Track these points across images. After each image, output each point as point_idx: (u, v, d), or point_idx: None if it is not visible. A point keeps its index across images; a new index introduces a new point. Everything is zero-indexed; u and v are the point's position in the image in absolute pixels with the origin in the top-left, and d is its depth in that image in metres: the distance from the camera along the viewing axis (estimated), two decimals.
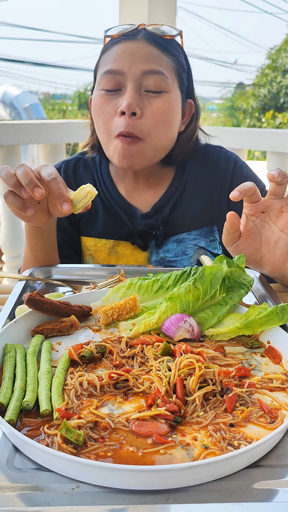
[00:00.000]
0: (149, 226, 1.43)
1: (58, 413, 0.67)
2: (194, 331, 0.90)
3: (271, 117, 16.28)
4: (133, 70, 1.28)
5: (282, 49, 18.40)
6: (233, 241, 1.12)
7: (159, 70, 1.29)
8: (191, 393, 0.72)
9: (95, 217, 1.49)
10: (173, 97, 1.33)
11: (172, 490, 0.57)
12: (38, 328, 0.92)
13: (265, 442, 0.61)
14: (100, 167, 1.52)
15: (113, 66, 1.30)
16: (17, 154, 2.88)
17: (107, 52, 1.34)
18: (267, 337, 0.91)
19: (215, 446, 0.63)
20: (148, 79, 1.29)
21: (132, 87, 1.28)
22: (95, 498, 0.56)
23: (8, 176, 1.05)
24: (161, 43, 1.31)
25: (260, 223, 1.12)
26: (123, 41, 1.31)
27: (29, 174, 1.03)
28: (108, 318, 0.96)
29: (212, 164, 1.51)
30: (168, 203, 1.45)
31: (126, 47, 1.30)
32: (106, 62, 1.32)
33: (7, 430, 0.64)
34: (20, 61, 28.02)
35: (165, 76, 1.30)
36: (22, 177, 1.03)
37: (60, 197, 1.06)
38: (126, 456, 0.61)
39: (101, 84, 1.32)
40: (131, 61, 1.28)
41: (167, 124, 1.33)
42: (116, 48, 1.31)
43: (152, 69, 1.29)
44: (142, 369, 0.79)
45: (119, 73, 1.29)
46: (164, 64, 1.31)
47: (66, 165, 1.55)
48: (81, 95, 28.90)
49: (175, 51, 1.35)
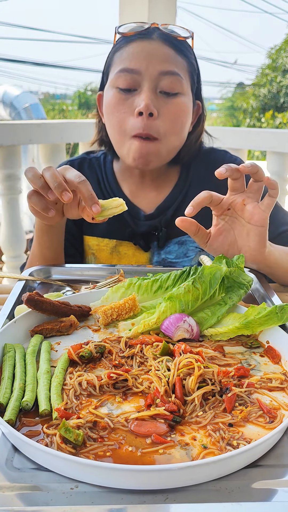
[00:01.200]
0: (152, 227, 1.44)
1: (57, 413, 0.67)
2: (193, 331, 0.90)
3: (270, 117, 16.28)
4: (151, 70, 1.28)
5: (282, 49, 18.40)
6: (203, 241, 1.15)
7: (176, 71, 1.30)
8: (190, 393, 0.72)
9: None
10: (187, 99, 1.35)
11: (171, 490, 0.57)
12: (37, 328, 0.92)
13: (264, 442, 0.61)
14: (104, 167, 1.53)
15: (129, 65, 1.29)
16: (17, 154, 2.88)
17: (122, 50, 1.33)
18: (266, 337, 0.91)
19: (214, 446, 0.63)
20: (164, 80, 1.29)
21: (149, 87, 1.28)
22: (94, 498, 0.56)
23: (36, 177, 1.07)
24: (176, 44, 1.32)
25: (229, 219, 1.16)
26: (138, 40, 1.31)
27: (58, 178, 1.05)
28: (107, 318, 0.96)
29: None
30: (171, 205, 1.46)
31: (143, 46, 1.29)
32: (122, 60, 1.31)
33: (6, 430, 0.64)
34: (20, 61, 28.03)
35: (180, 77, 1.31)
36: (51, 179, 1.05)
37: (91, 198, 1.06)
38: (125, 456, 0.61)
39: (116, 82, 1.32)
40: (148, 60, 1.28)
41: (181, 126, 1.35)
42: (132, 47, 1.30)
43: (169, 70, 1.29)
44: (141, 369, 0.79)
45: (136, 72, 1.29)
46: (180, 65, 1.32)
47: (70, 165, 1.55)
48: (81, 95, 28.90)
49: (188, 52, 1.35)
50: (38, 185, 1.07)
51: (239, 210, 1.14)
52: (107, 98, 1.35)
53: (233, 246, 1.16)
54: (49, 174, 1.05)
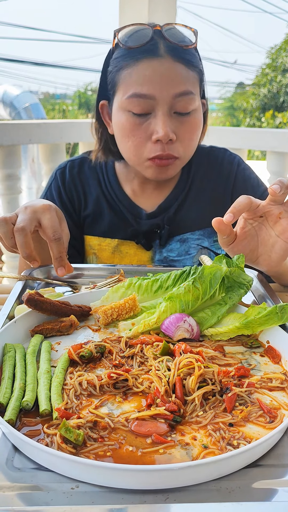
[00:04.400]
0: (154, 226, 1.44)
1: (58, 413, 0.67)
2: (194, 330, 0.90)
3: (270, 116, 16.27)
4: (165, 94, 1.24)
5: (282, 48, 18.39)
6: (228, 243, 1.12)
7: (189, 91, 1.26)
8: (190, 393, 0.72)
9: (100, 217, 1.49)
10: (199, 113, 1.33)
11: (171, 490, 0.57)
12: (37, 328, 0.92)
13: (264, 442, 0.61)
14: (106, 167, 1.52)
15: (142, 90, 1.24)
16: (17, 154, 2.88)
17: (130, 69, 1.25)
18: (266, 336, 0.91)
19: (214, 445, 0.63)
20: (179, 102, 1.25)
21: (163, 111, 1.25)
22: (95, 498, 0.56)
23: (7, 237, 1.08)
24: (185, 58, 1.26)
25: (258, 226, 1.12)
26: (146, 59, 1.24)
27: (28, 247, 1.06)
28: (107, 318, 0.96)
29: (216, 166, 1.52)
30: (173, 204, 1.46)
31: (153, 68, 1.23)
32: (132, 83, 1.25)
33: (6, 430, 0.64)
34: (20, 61, 28.03)
35: (193, 94, 1.28)
36: (21, 249, 1.06)
37: (59, 261, 1.08)
38: (125, 455, 0.61)
39: (128, 106, 1.27)
40: (161, 85, 1.23)
41: (197, 139, 1.36)
42: (142, 68, 1.24)
43: (183, 90, 1.25)
44: (141, 369, 0.79)
45: (149, 97, 1.24)
46: (192, 81, 1.28)
47: (71, 165, 1.55)
48: (81, 95, 28.89)
49: (196, 60, 1.30)
50: (8, 244, 1.09)
51: (272, 221, 1.10)
52: (120, 121, 1.31)
53: (254, 252, 1.13)
54: (19, 243, 1.06)
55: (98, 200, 1.50)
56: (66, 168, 1.55)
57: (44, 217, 1.10)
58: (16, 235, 1.06)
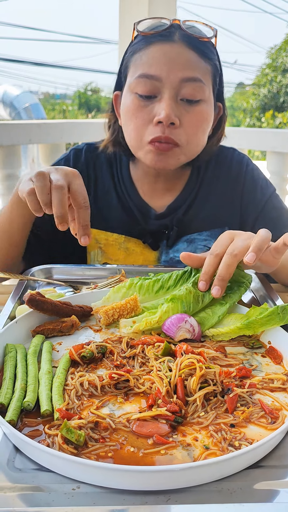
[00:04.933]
0: (163, 226, 1.42)
1: (59, 414, 0.67)
2: (195, 331, 0.90)
3: (270, 117, 16.27)
4: (172, 77, 1.21)
5: (282, 48, 18.40)
6: None
7: (198, 78, 1.23)
8: (192, 394, 0.72)
9: (108, 210, 1.46)
10: (209, 105, 1.30)
11: (173, 491, 0.57)
12: (38, 328, 0.92)
13: (266, 443, 0.61)
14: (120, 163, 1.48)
15: (149, 71, 1.22)
16: (17, 154, 2.88)
17: (141, 52, 1.25)
18: (268, 337, 0.91)
19: (216, 446, 0.63)
20: (186, 87, 1.22)
21: (169, 95, 1.22)
22: (96, 499, 0.56)
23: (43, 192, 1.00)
24: (199, 48, 1.24)
25: None
26: (159, 42, 1.23)
27: (63, 207, 1.00)
28: (108, 318, 0.96)
29: (225, 166, 1.50)
30: (183, 204, 1.44)
31: (164, 51, 1.22)
32: (141, 64, 1.24)
33: (7, 431, 0.64)
34: (20, 61, 28.05)
35: (203, 83, 1.24)
36: (56, 207, 0.99)
37: (84, 228, 1.05)
38: (126, 456, 0.61)
39: (135, 88, 1.25)
40: (169, 67, 1.21)
41: (202, 134, 1.31)
42: (153, 50, 1.23)
43: (191, 76, 1.22)
44: (142, 369, 0.79)
45: (156, 78, 1.22)
46: (203, 70, 1.25)
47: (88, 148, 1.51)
48: (81, 95, 28.89)
49: (211, 54, 1.28)
50: (42, 200, 1.00)
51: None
52: (125, 103, 1.29)
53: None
54: (57, 200, 0.99)
55: (108, 192, 1.46)
56: (82, 149, 1.50)
57: (74, 182, 1.06)
58: (54, 192, 1.00)
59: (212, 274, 0.98)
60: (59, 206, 1.00)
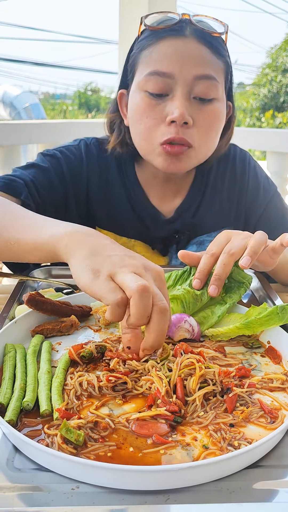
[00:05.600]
0: (173, 231, 1.38)
1: (58, 413, 0.67)
2: (194, 331, 0.90)
3: (270, 116, 16.28)
4: (185, 74, 1.16)
5: (282, 48, 18.40)
6: None
7: (212, 75, 1.18)
8: (191, 393, 0.72)
9: (117, 211, 1.40)
10: (222, 105, 1.25)
11: (172, 491, 0.57)
12: (38, 328, 0.92)
13: (265, 443, 0.61)
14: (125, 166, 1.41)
15: (161, 67, 1.16)
16: (17, 154, 2.88)
17: (151, 48, 1.19)
18: (267, 337, 0.91)
19: (215, 446, 0.63)
20: (199, 84, 1.17)
21: (182, 93, 1.17)
22: (95, 499, 0.56)
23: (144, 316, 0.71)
24: (212, 43, 1.19)
25: None
26: (170, 38, 1.17)
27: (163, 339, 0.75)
28: None
29: (229, 163, 1.46)
30: (191, 207, 1.40)
31: (176, 46, 1.16)
32: (152, 61, 1.18)
33: (7, 430, 0.64)
34: (20, 61, 28.06)
35: (216, 81, 1.19)
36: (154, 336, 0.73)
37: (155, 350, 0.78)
38: (126, 456, 0.61)
39: (145, 86, 1.19)
40: (182, 63, 1.15)
41: (216, 134, 1.27)
42: (164, 46, 1.17)
43: (204, 73, 1.17)
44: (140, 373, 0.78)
45: (168, 76, 1.16)
46: (216, 67, 1.20)
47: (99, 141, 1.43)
48: (81, 95, 28.88)
49: (223, 50, 1.23)
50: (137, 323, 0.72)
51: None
52: (134, 102, 1.23)
53: None
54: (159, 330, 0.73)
55: (118, 193, 1.40)
56: (93, 143, 1.43)
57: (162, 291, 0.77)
58: (159, 316, 0.72)
59: (207, 273, 0.97)
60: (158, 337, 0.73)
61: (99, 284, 0.73)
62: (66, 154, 1.38)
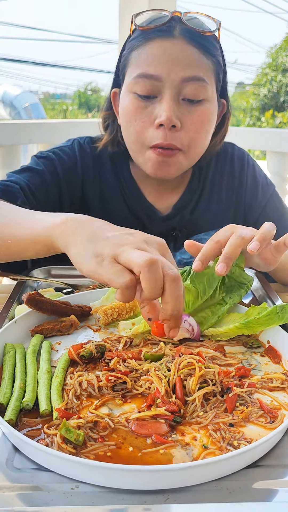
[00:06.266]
0: (170, 228, 1.38)
1: (58, 413, 0.67)
2: (194, 330, 0.90)
3: (270, 116, 16.27)
4: (172, 76, 1.15)
5: (282, 48, 18.40)
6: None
7: (200, 77, 1.17)
8: (191, 393, 0.72)
9: (114, 209, 1.40)
10: (212, 105, 1.24)
11: (171, 490, 0.57)
12: (37, 328, 0.92)
13: (265, 442, 0.61)
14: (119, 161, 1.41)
15: (149, 70, 1.16)
16: (17, 154, 2.88)
17: (140, 49, 1.19)
18: (266, 336, 0.91)
19: (214, 446, 0.63)
20: (187, 86, 1.16)
21: (170, 95, 1.16)
22: (95, 498, 0.56)
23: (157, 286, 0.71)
24: (201, 43, 1.18)
25: None
26: (158, 39, 1.17)
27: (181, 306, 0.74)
28: (107, 318, 0.96)
29: (226, 162, 1.45)
30: (188, 204, 1.40)
31: (163, 48, 1.16)
32: (140, 63, 1.18)
33: (6, 430, 0.64)
34: (20, 61, 28.06)
35: (205, 82, 1.19)
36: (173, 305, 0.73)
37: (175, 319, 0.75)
38: (125, 456, 0.61)
39: (133, 88, 1.19)
40: (170, 66, 1.15)
41: (205, 135, 1.26)
42: (152, 48, 1.17)
43: (193, 75, 1.16)
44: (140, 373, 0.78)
45: (155, 78, 1.16)
46: (205, 68, 1.19)
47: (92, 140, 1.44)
48: (81, 95, 28.88)
49: (214, 49, 1.22)
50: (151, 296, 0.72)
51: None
52: (124, 104, 1.24)
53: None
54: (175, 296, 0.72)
55: (113, 191, 1.40)
56: (86, 142, 1.43)
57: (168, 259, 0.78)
58: (173, 285, 0.71)
59: (209, 257, 0.95)
60: (176, 305, 0.72)
61: (104, 268, 0.72)
62: (59, 155, 1.39)
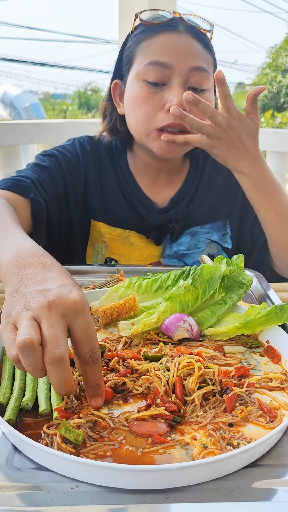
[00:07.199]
0: (167, 220, 1.42)
1: (58, 413, 0.67)
2: (194, 330, 0.90)
3: (270, 116, 16.27)
4: (181, 66, 1.26)
5: (282, 48, 18.40)
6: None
7: (204, 67, 1.29)
8: (190, 393, 0.72)
9: (111, 203, 1.45)
10: (212, 94, 1.35)
11: (171, 490, 0.57)
12: None
13: (264, 442, 0.61)
14: (117, 154, 1.48)
15: (160, 58, 1.26)
16: (17, 154, 2.88)
17: (149, 40, 1.30)
18: (266, 336, 0.91)
19: (214, 445, 0.63)
20: (194, 76, 1.27)
21: (179, 82, 1.26)
22: (94, 498, 0.56)
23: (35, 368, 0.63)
24: (202, 39, 1.30)
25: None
26: (166, 32, 1.28)
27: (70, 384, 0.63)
28: (107, 318, 0.96)
29: None
30: (185, 197, 1.45)
31: (173, 40, 1.28)
32: (151, 52, 1.28)
33: (6, 430, 0.64)
34: (20, 61, 28.07)
35: (208, 73, 1.30)
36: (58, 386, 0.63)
37: (95, 388, 0.68)
38: (125, 455, 0.61)
39: (144, 75, 1.28)
40: (179, 55, 1.26)
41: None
42: (162, 39, 1.28)
43: (199, 65, 1.27)
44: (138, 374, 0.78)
45: (166, 66, 1.26)
46: (207, 61, 1.31)
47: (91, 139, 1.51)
48: (81, 95, 28.88)
49: (211, 46, 1.35)
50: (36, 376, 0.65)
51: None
52: (133, 90, 1.31)
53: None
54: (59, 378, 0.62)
55: (112, 186, 1.46)
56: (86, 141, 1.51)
57: (77, 325, 0.66)
58: (51, 369, 0.62)
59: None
60: (60, 385, 0.63)
61: (5, 333, 0.66)
62: (63, 152, 1.45)
